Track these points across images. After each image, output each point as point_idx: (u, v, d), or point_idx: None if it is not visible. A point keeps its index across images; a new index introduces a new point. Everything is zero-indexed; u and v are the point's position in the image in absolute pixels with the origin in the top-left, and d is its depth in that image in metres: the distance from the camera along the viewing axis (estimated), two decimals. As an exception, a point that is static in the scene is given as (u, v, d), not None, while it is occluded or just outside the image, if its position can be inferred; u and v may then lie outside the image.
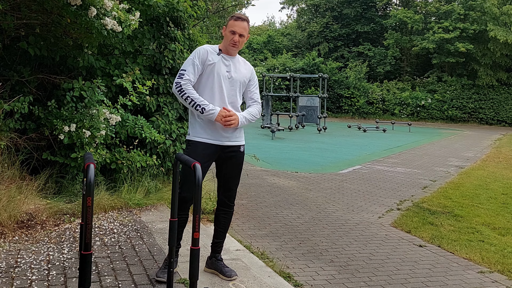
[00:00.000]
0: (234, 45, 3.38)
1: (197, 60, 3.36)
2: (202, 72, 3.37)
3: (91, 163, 2.17)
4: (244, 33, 3.39)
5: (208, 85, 3.37)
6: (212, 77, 3.36)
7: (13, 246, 3.84)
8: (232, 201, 3.56)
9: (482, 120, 30.73)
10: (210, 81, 3.37)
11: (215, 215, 3.61)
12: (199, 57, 3.36)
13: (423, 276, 3.99)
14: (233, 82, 3.42)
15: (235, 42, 3.36)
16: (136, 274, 3.40)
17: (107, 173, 5.51)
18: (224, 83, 3.38)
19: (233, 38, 3.36)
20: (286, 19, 60.92)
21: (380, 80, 34.13)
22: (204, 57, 3.36)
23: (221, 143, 3.39)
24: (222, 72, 3.38)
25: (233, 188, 3.53)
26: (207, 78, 3.37)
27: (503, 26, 28.38)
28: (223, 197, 3.54)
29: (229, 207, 3.56)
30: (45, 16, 4.69)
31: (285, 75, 25.16)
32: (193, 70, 3.34)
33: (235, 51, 3.44)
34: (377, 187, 7.88)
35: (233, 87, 3.42)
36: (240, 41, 3.38)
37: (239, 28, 3.36)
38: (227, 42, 3.39)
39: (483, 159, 12.39)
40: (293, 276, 3.80)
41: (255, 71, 3.64)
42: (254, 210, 5.92)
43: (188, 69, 3.34)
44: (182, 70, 3.36)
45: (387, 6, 37.86)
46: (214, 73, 3.36)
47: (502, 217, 6.12)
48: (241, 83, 3.47)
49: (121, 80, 5.39)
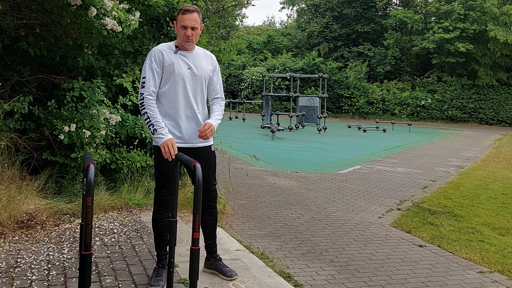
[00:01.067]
0: (188, 40, 3.22)
1: (154, 64, 3.21)
2: (162, 75, 3.24)
3: (91, 163, 2.17)
4: (196, 25, 3.21)
5: (171, 87, 3.24)
6: (173, 79, 3.23)
7: (13, 246, 3.84)
8: (214, 201, 3.48)
9: (482, 120, 30.72)
10: (171, 83, 3.24)
11: (201, 219, 3.55)
12: (155, 60, 3.21)
13: (423, 276, 3.99)
14: (197, 79, 3.29)
15: (188, 36, 3.20)
16: (136, 274, 3.40)
17: (107, 173, 5.51)
18: (187, 83, 3.25)
19: (185, 33, 3.20)
20: (286, 19, 60.98)
21: (380, 80, 34.12)
22: (161, 59, 3.22)
23: (193, 145, 3.30)
24: (183, 71, 3.24)
25: (212, 189, 3.43)
26: (167, 80, 3.24)
27: (503, 26, 28.37)
28: (205, 200, 3.39)
29: (213, 208, 3.48)
30: (45, 16, 4.69)
31: (285, 75, 25.16)
32: (153, 76, 3.20)
33: (191, 45, 3.28)
34: (377, 187, 7.88)
35: (197, 84, 3.30)
36: (194, 34, 3.22)
37: (189, 21, 3.19)
38: (181, 38, 3.24)
39: (483, 159, 12.39)
40: (293, 276, 3.80)
41: (216, 59, 3.47)
42: (254, 210, 5.92)
43: (148, 76, 3.20)
44: (142, 78, 3.25)
45: (387, 6, 37.85)
46: (175, 73, 3.22)
47: (502, 217, 6.12)
48: (205, 78, 3.34)
49: (121, 80, 5.39)
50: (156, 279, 3.24)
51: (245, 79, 33.30)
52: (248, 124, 21.79)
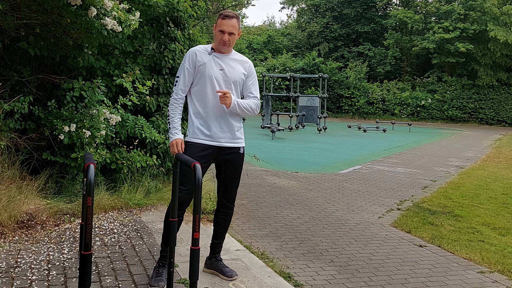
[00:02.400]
0: (224, 44, 3.31)
1: (187, 64, 3.35)
2: (194, 75, 3.35)
3: (91, 163, 2.17)
4: (234, 31, 3.30)
5: (201, 87, 3.34)
6: (203, 79, 3.32)
7: (13, 246, 3.84)
8: (231, 202, 3.53)
9: (482, 120, 30.72)
10: (201, 83, 3.33)
11: (215, 216, 3.59)
12: (189, 60, 3.35)
13: (423, 276, 3.99)
14: (228, 81, 3.36)
15: (224, 41, 3.29)
16: (136, 274, 3.40)
17: (107, 173, 5.51)
18: (217, 84, 3.32)
19: (222, 37, 3.29)
20: (286, 19, 60.94)
21: (380, 80, 34.13)
22: (194, 59, 3.34)
23: (220, 145, 3.35)
24: (214, 72, 3.32)
25: (232, 190, 3.49)
26: (198, 80, 3.34)
27: (503, 26, 28.37)
28: (222, 199, 3.50)
29: (228, 209, 3.53)
30: (45, 16, 4.69)
31: (285, 75, 25.15)
32: (185, 76, 3.35)
33: (227, 49, 3.37)
34: (377, 187, 7.88)
35: (229, 86, 3.36)
36: (231, 39, 3.31)
37: (228, 27, 3.28)
38: (217, 41, 3.33)
39: (483, 159, 12.39)
40: (293, 276, 3.80)
41: (254, 67, 3.55)
42: (254, 210, 5.92)
43: (181, 75, 3.38)
44: (176, 77, 3.41)
45: (387, 6, 37.86)
46: (205, 74, 3.31)
47: (502, 217, 6.12)
48: (237, 81, 3.40)
49: (121, 80, 5.39)
50: (156, 279, 3.24)
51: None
52: (248, 124, 21.78)
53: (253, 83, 3.51)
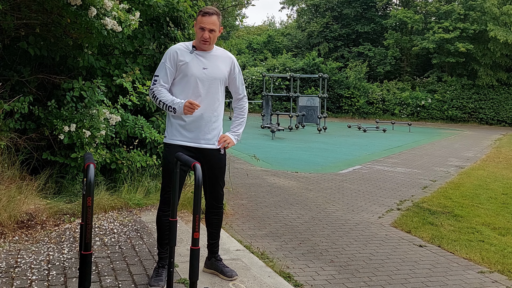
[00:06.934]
0: (205, 42, 3.23)
1: (168, 63, 3.25)
2: (176, 74, 3.27)
3: (91, 163, 2.17)
4: (214, 28, 3.21)
5: (182, 87, 3.26)
6: (185, 78, 3.25)
7: (13, 246, 3.84)
8: (220, 202, 3.50)
9: (482, 120, 30.72)
10: (183, 82, 3.26)
11: (206, 218, 3.55)
12: (170, 59, 3.25)
13: (423, 276, 3.99)
14: (211, 80, 3.29)
15: (205, 39, 3.20)
16: (136, 274, 3.40)
17: (107, 173, 5.51)
18: (200, 83, 3.25)
19: (203, 35, 3.20)
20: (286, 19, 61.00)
21: (380, 80, 34.12)
22: (175, 58, 3.24)
23: (200, 146, 3.30)
24: (196, 71, 3.24)
25: (219, 190, 3.46)
26: (180, 80, 3.27)
27: (503, 26, 28.37)
28: (211, 200, 3.47)
29: (218, 208, 3.51)
30: (45, 16, 4.69)
31: (285, 75, 25.15)
32: (166, 74, 3.25)
33: (208, 47, 3.27)
34: (377, 187, 7.88)
35: (212, 85, 3.29)
36: (211, 36, 3.21)
37: (208, 24, 3.18)
38: (198, 39, 3.24)
39: (483, 159, 12.39)
40: (293, 276, 3.80)
41: (236, 61, 3.46)
42: (254, 210, 5.92)
43: (161, 74, 3.26)
44: (155, 75, 3.30)
45: (387, 6, 37.84)
46: (188, 73, 3.23)
47: (502, 217, 6.12)
48: (220, 79, 3.34)
49: (121, 80, 5.39)
50: (156, 279, 3.24)
51: (245, 79, 33.30)
52: (248, 124, 21.76)
53: (239, 80, 3.46)
